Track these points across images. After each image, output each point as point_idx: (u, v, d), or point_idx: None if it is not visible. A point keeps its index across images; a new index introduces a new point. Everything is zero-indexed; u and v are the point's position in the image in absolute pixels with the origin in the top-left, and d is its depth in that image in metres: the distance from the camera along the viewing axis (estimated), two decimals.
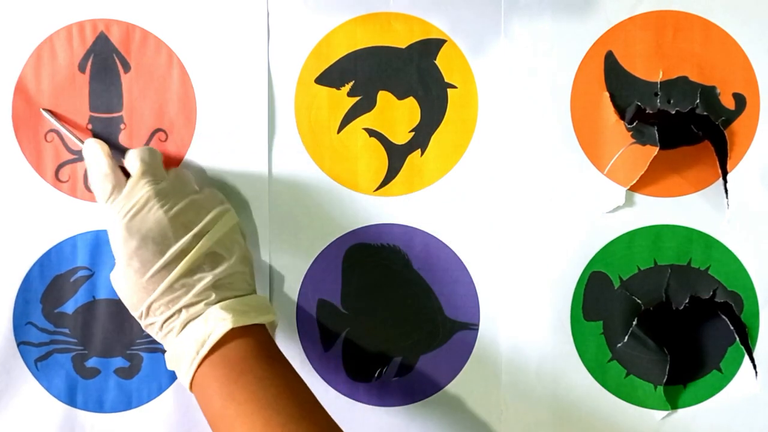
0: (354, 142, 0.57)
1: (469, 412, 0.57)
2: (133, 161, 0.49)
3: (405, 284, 0.57)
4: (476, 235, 0.57)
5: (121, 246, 0.47)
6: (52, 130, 0.55)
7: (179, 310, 0.47)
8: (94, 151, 0.50)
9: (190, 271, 0.47)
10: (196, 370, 0.46)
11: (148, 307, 0.47)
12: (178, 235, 0.47)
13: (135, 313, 0.48)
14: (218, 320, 0.46)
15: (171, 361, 0.48)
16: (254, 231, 0.56)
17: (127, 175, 0.50)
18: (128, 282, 0.47)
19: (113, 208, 0.48)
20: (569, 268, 0.57)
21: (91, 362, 0.56)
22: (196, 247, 0.47)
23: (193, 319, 0.47)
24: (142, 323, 0.49)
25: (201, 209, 0.49)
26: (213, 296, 0.47)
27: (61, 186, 0.55)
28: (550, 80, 0.56)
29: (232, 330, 0.46)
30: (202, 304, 0.47)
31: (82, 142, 0.53)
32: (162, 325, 0.47)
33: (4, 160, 0.55)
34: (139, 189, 0.48)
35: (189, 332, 0.47)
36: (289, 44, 0.56)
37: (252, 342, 0.47)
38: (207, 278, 0.47)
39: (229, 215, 0.51)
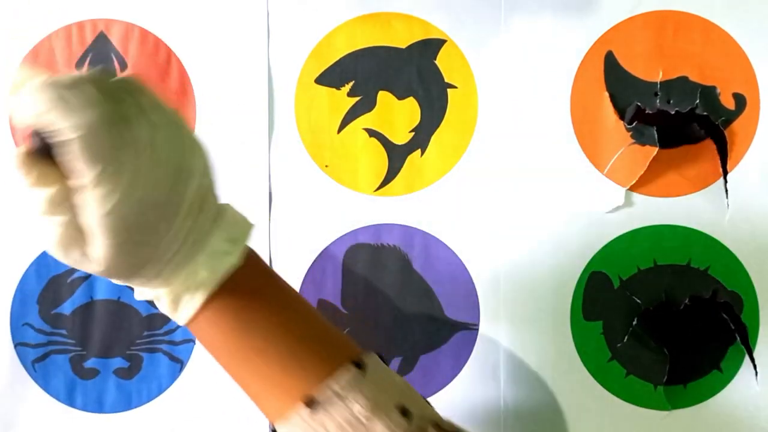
0: (354, 142, 0.56)
1: (469, 412, 0.57)
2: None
3: (405, 284, 0.57)
4: (476, 235, 0.57)
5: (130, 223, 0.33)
6: None
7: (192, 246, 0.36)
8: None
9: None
10: (204, 303, 0.37)
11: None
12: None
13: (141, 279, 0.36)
14: (221, 254, 0.37)
15: (150, 294, 0.37)
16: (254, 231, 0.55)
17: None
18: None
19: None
20: (569, 268, 0.57)
21: (90, 363, 0.56)
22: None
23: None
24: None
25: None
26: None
27: None
28: (550, 80, 0.56)
29: None
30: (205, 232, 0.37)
31: None
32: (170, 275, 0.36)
33: (1, 161, 0.55)
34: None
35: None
36: (289, 44, 0.56)
37: (256, 264, 0.40)
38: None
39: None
